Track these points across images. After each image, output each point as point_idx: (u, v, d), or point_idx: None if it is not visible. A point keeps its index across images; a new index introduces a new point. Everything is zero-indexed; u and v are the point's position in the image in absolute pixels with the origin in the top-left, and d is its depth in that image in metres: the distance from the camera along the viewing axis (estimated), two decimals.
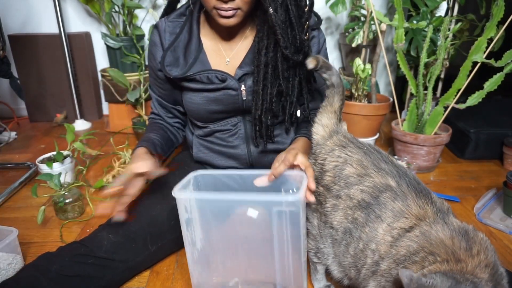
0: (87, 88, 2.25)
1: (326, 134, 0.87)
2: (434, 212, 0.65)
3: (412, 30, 1.85)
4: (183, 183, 0.83)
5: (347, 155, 0.78)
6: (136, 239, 0.93)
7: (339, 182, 0.76)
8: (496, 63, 1.42)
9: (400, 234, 0.64)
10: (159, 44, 1.03)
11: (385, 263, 0.64)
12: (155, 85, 1.10)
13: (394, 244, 0.64)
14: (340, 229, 0.75)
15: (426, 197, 0.67)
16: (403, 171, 0.72)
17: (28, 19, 2.19)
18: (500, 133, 1.69)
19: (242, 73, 1.00)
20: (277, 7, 0.87)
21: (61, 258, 0.85)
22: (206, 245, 0.86)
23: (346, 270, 0.76)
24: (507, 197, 1.27)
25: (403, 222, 0.65)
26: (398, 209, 0.66)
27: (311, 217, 0.86)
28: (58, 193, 1.22)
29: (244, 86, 1.00)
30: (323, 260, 0.84)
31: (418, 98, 1.59)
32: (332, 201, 0.77)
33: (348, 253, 0.74)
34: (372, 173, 0.72)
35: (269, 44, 0.93)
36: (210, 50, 1.03)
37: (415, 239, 0.62)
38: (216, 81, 0.99)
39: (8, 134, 1.99)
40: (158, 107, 1.13)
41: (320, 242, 0.83)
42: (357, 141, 0.82)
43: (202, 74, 0.99)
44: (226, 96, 1.01)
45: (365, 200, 0.71)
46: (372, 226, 0.68)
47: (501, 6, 1.36)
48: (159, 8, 2.19)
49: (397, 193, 0.68)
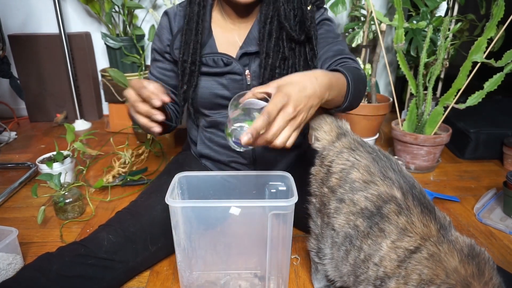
0: (87, 88, 2.26)
1: (333, 137, 0.86)
2: (437, 229, 0.64)
3: (412, 30, 1.85)
4: (171, 188, 0.83)
5: (355, 159, 0.77)
6: (136, 240, 0.93)
7: (344, 185, 0.75)
8: (496, 63, 1.42)
9: (406, 255, 0.63)
10: (167, 28, 1.03)
11: (393, 283, 0.63)
12: (156, 68, 1.08)
13: (401, 265, 0.63)
14: (341, 233, 0.75)
15: (431, 213, 0.66)
16: (411, 182, 0.71)
17: (28, 19, 2.19)
18: (500, 133, 1.69)
19: (241, 53, 0.99)
20: None
21: (61, 258, 0.84)
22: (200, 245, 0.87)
23: (344, 277, 0.76)
24: (507, 197, 1.27)
25: (408, 241, 0.64)
26: (402, 226, 0.65)
27: (315, 217, 0.86)
28: (58, 193, 1.22)
29: (248, 71, 1.00)
30: (323, 260, 0.84)
31: (418, 98, 1.59)
32: (335, 204, 0.77)
33: (348, 261, 0.73)
34: (378, 181, 0.71)
35: (272, 20, 0.94)
36: (220, 35, 1.02)
37: (425, 262, 0.61)
38: (221, 64, 0.99)
39: (8, 134, 1.99)
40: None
41: (322, 242, 0.83)
42: (367, 145, 0.80)
43: (208, 56, 0.99)
44: (231, 82, 1.00)
45: (368, 209, 0.70)
46: (375, 240, 0.67)
47: (501, 6, 1.36)
48: (159, 8, 2.19)
49: (402, 206, 0.67)
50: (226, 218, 0.81)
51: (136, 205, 1.02)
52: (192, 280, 0.92)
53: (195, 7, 0.98)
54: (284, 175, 0.90)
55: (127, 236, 0.92)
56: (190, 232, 0.84)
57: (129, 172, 1.50)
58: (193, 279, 0.92)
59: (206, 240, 0.88)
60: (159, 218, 0.97)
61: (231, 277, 0.95)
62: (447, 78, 2.16)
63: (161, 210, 0.98)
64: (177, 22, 1.02)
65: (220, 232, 0.87)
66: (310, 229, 0.88)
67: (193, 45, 0.97)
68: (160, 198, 1.01)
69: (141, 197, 1.06)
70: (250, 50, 0.99)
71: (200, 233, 0.85)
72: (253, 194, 0.94)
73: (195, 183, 0.91)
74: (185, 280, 0.89)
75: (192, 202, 0.81)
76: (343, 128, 0.87)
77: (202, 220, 0.83)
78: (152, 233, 0.96)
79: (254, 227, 0.85)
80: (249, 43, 1.00)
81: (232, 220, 0.82)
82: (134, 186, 1.46)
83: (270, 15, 0.94)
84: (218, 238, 0.85)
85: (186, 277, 0.89)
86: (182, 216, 0.82)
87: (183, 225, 0.82)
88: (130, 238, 0.92)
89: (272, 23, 0.95)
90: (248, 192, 0.94)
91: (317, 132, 0.90)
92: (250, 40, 1.00)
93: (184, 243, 0.85)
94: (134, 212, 0.98)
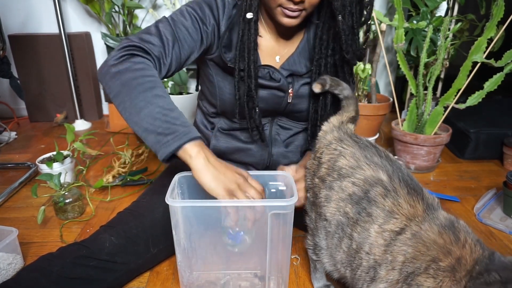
0: (87, 88, 2.26)
1: (329, 129, 0.88)
2: (424, 209, 0.65)
3: (412, 30, 1.85)
4: (171, 188, 0.83)
5: (342, 147, 0.79)
6: (138, 242, 0.93)
7: (333, 173, 0.77)
8: (496, 63, 1.42)
9: (392, 237, 0.64)
10: (214, 14, 0.91)
11: (383, 270, 0.64)
12: (182, 27, 0.88)
13: (388, 249, 0.64)
14: (333, 222, 0.76)
15: (418, 194, 0.67)
16: (397, 165, 0.72)
17: (28, 19, 2.20)
18: (500, 133, 1.69)
19: (288, 73, 0.97)
20: (346, 14, 0.86)
21: (63, 260, 0.84)
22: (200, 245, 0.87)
23: (338, 264, 0.77)
24: (507, 197, 1.27)
25: (394, 223, 0.65)
26: (388, 208, 0.66)
27: (309, 211, 0.87)
28: (58, 193, 1.22)
29: (291, 89, 0.98)
30: (320, 255, 0.85)
31: (418, 98, 1.59)
32: (325, 192, 0.78)
33: (341, 248, 0.74)
34: (364, 166, 0.73)
35: (328, 46, 0.94)
36: (263, 47, 0.98)
37: (408, 242, 0.62)
38: (268, 78, 0.96)
39: (8, 134, 1.99)
40: (163, 53, 0.86)
41: (316, 236, 0.84)
42: (355, 136, 0.83)
43: (264, 68, 0.95)
44: (272, 97, 0.98)
45: (356, 194, 0.71)
46: (363, 226, 0.69)
47: (501, 6, 1.36)
48: (159, 8, 2.19)
49: (388, 188, 0.68)
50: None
51: (138, 206, 1.01)
52: (192, 280, 0.92)
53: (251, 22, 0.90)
54: (284, 174, 0.90)
55: (129, 238, 0.92)
56: (190, 232, 0.84)
57: (129, 172, 1.50)
58: (193, 279, 0.92)
59: (206, 240, 0.87)
60: (161, 220, 0.97)
61: (231, 277, 0.95)
62: (447, 78, 2.16)
63: (162, 211, 0.98)
64: (225, 18, 0.92)
65: (220, 232, 0.87)
66: (307, 226, 0.89)
67: (249, 57, 0.91)
68: (162, 199, 1.00)
69: (143, 198, 1.05)
70: (299, 71, 0.98)
71: (200, 233, 0.85)
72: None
73: (195, 183, 0.91)
74: (185, 280, 0.89)
75: (192, 202, 0.81)
76: (341, 125, 0.89)
77: (202, 220, 0.83)
78: (153, 235, 0.96)
79: (254, 227, 0.84)
80: (293, 63, 0.98)
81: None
82: (134, 186, 1.46)
83: (326, 39, 0.93)
84: (218, 238, 0.85)
85: (186, 277, 0.90)
86: (182, 216, 0.82)
87: (183, 225, 0.82)
88: (132, 240, 0.92)
89: (328, 45, 0.94)
90: None
91: (325, 123, 0.93)
92: (294, 60, 0.98)
93: (184, 243, 0.85)
94: (136, 213, 0.98)
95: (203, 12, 0.91)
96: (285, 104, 1.00)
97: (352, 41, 0.91)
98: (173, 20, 0.89)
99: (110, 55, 0.84)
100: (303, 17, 0.88)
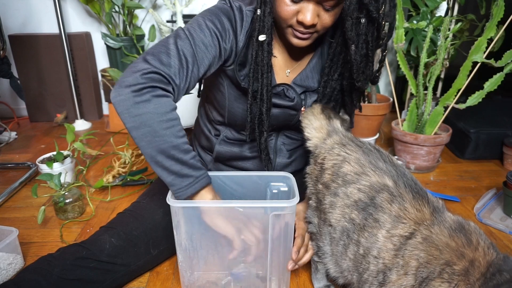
0: (87, 88, 2.25)
1: (324, 135, 0.87)
2: (431, 212, 0.65)
3: (412, 30, 1.85)
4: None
5: (346, 153, 0.78)
6: (138, 243, 0.93)
7: (337, 179, 0.76)
8: (496, 63, 1.43)
9: (402, 242, 0.64)
10: (233, 28, 0.87)
11: (394, 275, 0.64)
12: (199, 43, 0.83)
13: (398, 253, 0.64)
14: (338, 228, 0.75)
15: (423, 198, 0.67)
16: (401, 171, 0.72)
17: (28, 19, 2.19)
18: (500, 133, 1.69)
19: (301, 90, 0.96)
20: (359, 43, 0.83)
21: (63, 261, 0.84)
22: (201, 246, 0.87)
23: (345, 272, 0.76)
24: (507, 197, 1.27)
25: (402, 228, 0.65)
26: (395, 213, 0.66)
27: (311, 216, 0.86)
28: (58, 193, 1.22)
29: (304, 107, 0.97)
30: (323, 259, 0.84)
31: (418, 98, 1.60)
32: (330, 198, 0.77)
33: (347, 255, 0.74)
34: (369, 172, 0.72)
35: (336, 71, 0.92)
36: (275, 63, 0.96)
37: (420, 246, 0.62)
38: (282, 95, 0.95)
39: (8, 134, 1.99)
40: (182, 77, 0.81)
41: (320, 241, 0.83)
42: (357, 140, 0.82)
43: (278, 87, 0.94)
44: (284, 115, 0.97)
45: (362, 200, 0.71)
46: (371, 231, 0.68)
47: (501, 6, 1.36)
48: (159, 8, 2.19)
49: (394, 194, 0.68)
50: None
51: (139, 207, 1.01)
52: (193, 280, 0.92)
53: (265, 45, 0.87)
54: (286, 175, 0.90)
55: (130, 239, 0.92)
56: (191, 232, 0.84)
57: (129, 172, 1.50)
58: (194, 279, 0.92)
59: (208, 240, 0.87)
60: (161, 222, 0.97)
61: (232, 278, 0.94)
62: (447, 78, 2.16)
63: (163, 213, 0.98)
64: (243, 31, 0.89)
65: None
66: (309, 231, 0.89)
67: (262, 81, 0.89)
68: (162, 200, 1.00)
69: (143, 199, 1.05)
70: (311, 86, 0.96)
71: (202, 233, 0.85)
72: (255, 195, 0.94)
73: None
74: (186, 280, 0.89)
75: (193, 202, 0.81)
76: (333, 126, 0.88)
77: (203, 220, 0.83)
78: (154, 237, 0.96)
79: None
80: (305, 77, 0.96)
81: None
82: (134, 186, 1.46)
83: (336, 62, 0.91)
84: (219, 238, 0.85)
85: (187, 277, 0.90)
86: (183, 217, 0.82)
87: (184, 225, 0.82)
88: (133, 242, 0.92)
89: (336, 70, 0.92)
90: (250, 193, 0.94)
91: (306, 129, 0.90)
92: (307, 75, 0.96)
93: (185, 243, 0.85)
94: (137, 214, 0.98)
95: (222, 27, 0.86)
96: (296, 121, 0.99)
97: (365, 68, 0.88)
98: (192, 36, 0.82)
99: (127, 74, 0.76)
100: (314, 38, 0.86)
